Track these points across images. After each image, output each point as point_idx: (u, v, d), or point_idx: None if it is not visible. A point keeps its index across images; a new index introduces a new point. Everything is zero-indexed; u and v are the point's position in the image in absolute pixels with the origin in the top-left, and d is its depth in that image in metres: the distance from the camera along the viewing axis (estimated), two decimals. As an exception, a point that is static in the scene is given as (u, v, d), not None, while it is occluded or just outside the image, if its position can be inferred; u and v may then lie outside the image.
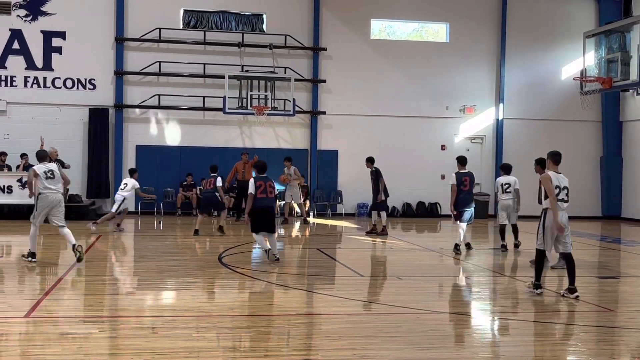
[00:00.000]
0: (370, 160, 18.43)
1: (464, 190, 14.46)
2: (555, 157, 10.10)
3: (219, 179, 17.67)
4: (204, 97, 23.39)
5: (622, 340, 7.87)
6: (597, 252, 16.05)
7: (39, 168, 12.25)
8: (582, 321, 8.85)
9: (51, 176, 12.20)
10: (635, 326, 8.45)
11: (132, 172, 18.64)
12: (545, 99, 25.41)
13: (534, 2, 25.43)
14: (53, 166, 12.50)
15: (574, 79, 20.91)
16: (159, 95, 23.22)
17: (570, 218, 11.09)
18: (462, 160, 14.85)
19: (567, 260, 10.00)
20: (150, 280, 11.15)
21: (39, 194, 12.13)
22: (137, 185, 18.31)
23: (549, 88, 25.41)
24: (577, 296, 9.76)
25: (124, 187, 18.12)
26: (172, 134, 23.70)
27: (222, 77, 22.40)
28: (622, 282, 11.74)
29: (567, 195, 9.87)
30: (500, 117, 25.27)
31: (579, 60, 20.53)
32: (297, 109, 23.25)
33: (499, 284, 11.60)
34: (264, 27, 24.29)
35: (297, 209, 22.58)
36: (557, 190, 9.75)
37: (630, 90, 23.64)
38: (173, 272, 11.74)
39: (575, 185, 20.63)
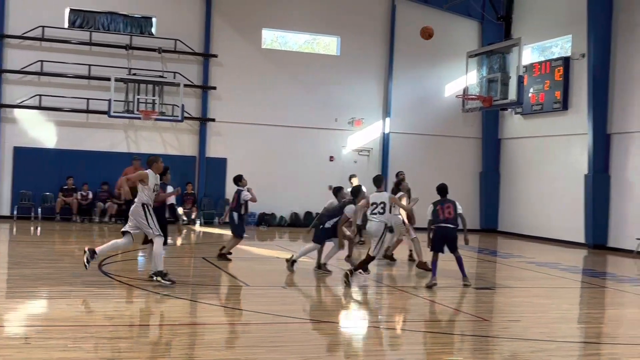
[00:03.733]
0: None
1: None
2: (375, 181, 12.47)
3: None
4: (88, 99, 22.66)
5: (495, 349, 8.18)
6: (474, 264, 16.65)
7: None
8: (458, 330, 9.14)
9: None
10: (508, 335, 8.81)
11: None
12: (430, 115, 26.20)
13: (420, 21, 26.07)
14: None
15: (456, 96, 21.69)
16: (40, 95, 22.29)
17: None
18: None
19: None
20: (25, 288, 10.64)
21: None
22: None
23: (433, 104, 26.22)
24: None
25: None
26: (53, 136, 22.79)
27: (108, 79, 21.81)
28: (497, 293, 12.22)
29: (382, 208, 12.02)
30: (387, 131, 25.86)
31: (462, 79, 21.34)
32: (185, 115, 22.93)
33: (381, 294, 11.82)
34: (154, 30, 23.84)
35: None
36: (373, 206, 12.08)
37: (509, 109, 24.76)
38: (49, 280, 11.26)
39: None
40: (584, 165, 21.57)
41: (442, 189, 12.69)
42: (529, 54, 24.74)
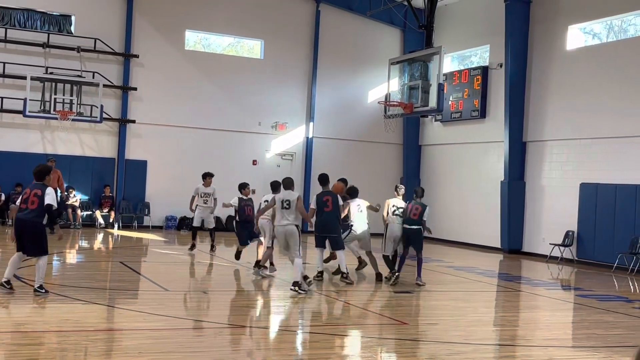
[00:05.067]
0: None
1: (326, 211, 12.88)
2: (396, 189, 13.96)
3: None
4: (2, 97, 21.85)
5: (414, 353, 8.29)
6: (395, 268, 16.84)
7: None
8: (378, 334, 9.23)
9: None
10: (426, 338, 8.94)
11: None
12: (353, 120, 26.43)
13: (345, 28, 26.43)
14: None
15: (378, 102, 21.92)
16: (-49, 92, 21.39)
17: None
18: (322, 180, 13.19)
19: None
20: None
21: None
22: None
23: (356, 110, 26.46)
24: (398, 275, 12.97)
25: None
26: (-36, 136, 21.90)
27: (24, 77, 21.11)
28: (415, 297, 12.40)
29: (401, 213, 13.38)
30: (310, 136, 25.94)
31: (385, 85, 21.58)
32: (104, 115, 22.41)
33: (303, 299, 11.82)
34: (72, 28, 23.20)
35: None
36: (393, 208, 13.39)
37: (429, 117, 25.20)
38: (-43, 286, 10.76)
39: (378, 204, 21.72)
40: (500, 172, 22.18)
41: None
42: (449, 63, 25.31)
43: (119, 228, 22.90)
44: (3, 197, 21.81)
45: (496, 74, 22.86)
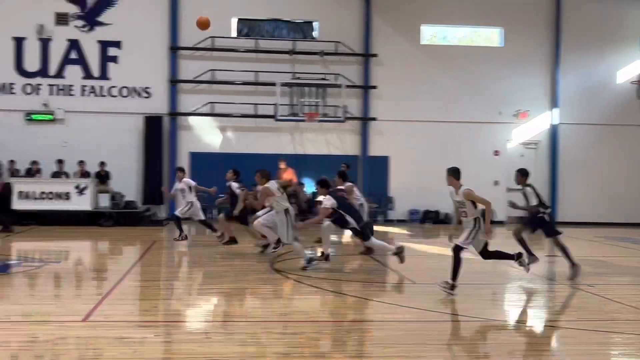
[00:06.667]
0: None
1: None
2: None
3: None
4: (255, 104, 23.62)
5: (682, 351, 7.65)
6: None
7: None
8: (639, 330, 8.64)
9: None
10: (696, 337, 8.21)
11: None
12: (601, 104, 24.90)
13: (589, 6, 24.97)
14: None
15: (631, 82, 20.49)
16: (212, 102, 23.54)
17: (620, 225, 11.01)
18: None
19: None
20: (203, 286, 11.29)
21: None
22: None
23: (604, 92, 24.89)
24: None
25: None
26: (225, 141, 23.98)
27: (274, 84, 22.61)
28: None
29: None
30: (556, 122, 24.86)
31: (635, 64, 20.11)
32: (347, 115, 23.30)
33: (554, 292, 11.40)
34: (315, 34, 24.43)
35: None
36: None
37: (691, 94, 22.98)
38: (225, 278, 11.85)
39: (629, 191, 20.61)
40: None
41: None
42: None
43: (365, 222, 23.61)
44: (260, 196, 23.48)
45: None
